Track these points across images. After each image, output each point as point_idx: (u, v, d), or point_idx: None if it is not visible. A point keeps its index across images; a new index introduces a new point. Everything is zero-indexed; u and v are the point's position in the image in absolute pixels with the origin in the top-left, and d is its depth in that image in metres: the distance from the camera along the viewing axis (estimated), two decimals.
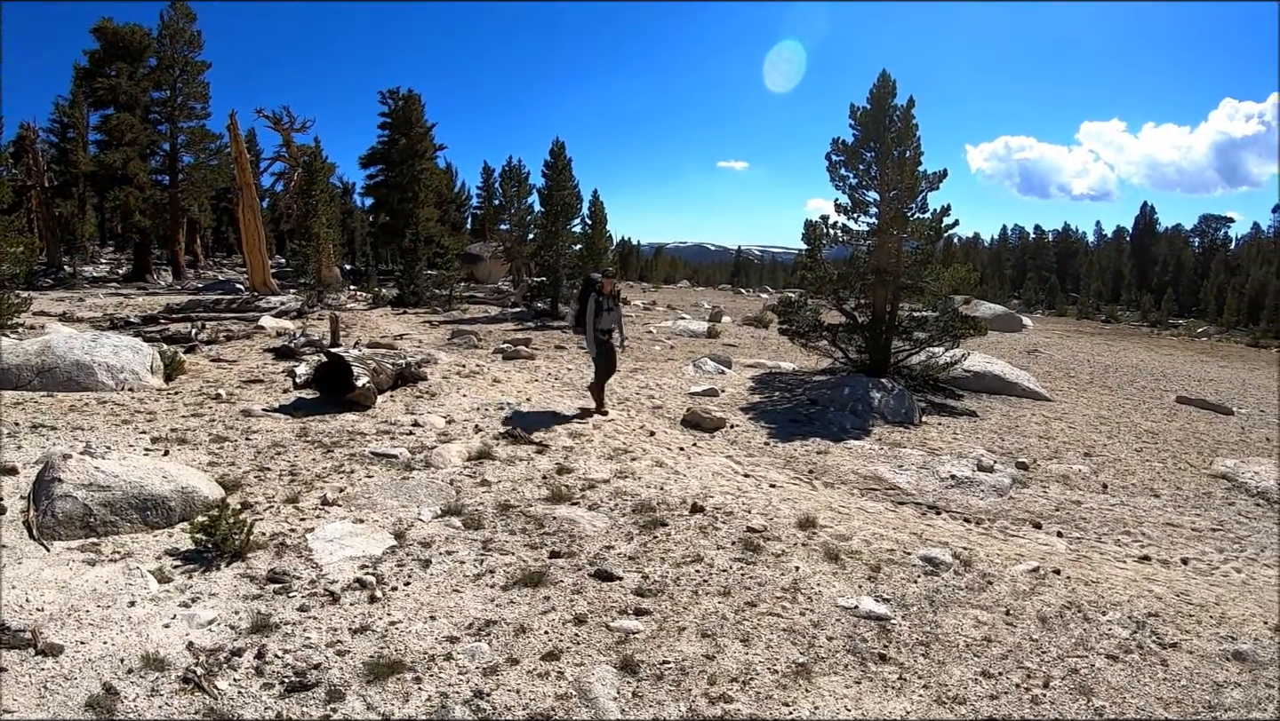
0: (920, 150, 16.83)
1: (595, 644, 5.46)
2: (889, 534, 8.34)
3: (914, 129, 16.77)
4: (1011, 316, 42.94)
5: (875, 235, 17.00)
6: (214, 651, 5.06)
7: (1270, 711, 5.28)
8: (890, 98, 16.79)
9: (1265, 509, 11.03)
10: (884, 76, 16.89)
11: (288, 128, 42.71)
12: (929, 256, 16.92)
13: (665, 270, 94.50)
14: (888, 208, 16.85)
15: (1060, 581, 7.32)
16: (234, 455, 9.43)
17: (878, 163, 16.90)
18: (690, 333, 26.23)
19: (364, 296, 33.79)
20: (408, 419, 11.59)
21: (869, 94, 16.97)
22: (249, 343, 18.31)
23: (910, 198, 16.76)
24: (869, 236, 17.12)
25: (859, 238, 17.26)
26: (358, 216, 66.48)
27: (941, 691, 5.23)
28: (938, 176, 16.79)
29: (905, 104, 16.75)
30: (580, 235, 29.36)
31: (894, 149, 16.71)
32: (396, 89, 43.85)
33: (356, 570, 6.38)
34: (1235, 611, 6.99)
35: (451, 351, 18.93)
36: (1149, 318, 69.26)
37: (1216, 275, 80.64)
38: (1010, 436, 13.87)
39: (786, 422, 13.59)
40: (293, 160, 43.40)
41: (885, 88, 16.82)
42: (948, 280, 16.66)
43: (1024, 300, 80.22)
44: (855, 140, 17.13)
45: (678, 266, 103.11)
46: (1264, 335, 57.70)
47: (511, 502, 8.28)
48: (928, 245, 16.85)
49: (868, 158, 17.03)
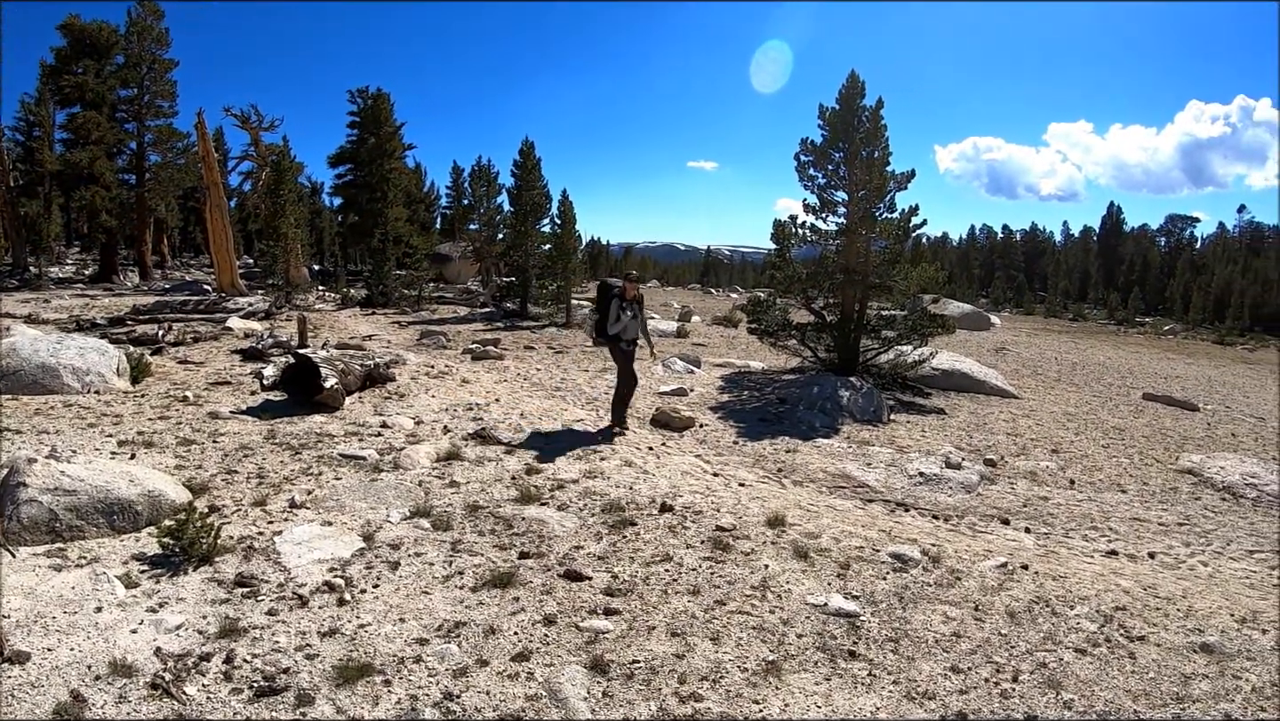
0: (889, 150, 16.91)
1: (565, 644, 5.45)
2: (858, 531, 8.37)
3: (882, 129, 16.85)
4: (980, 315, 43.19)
5: (844, 235, 17.08)
6: (182, 656, 5.02)
7: (1238, 702, 5.34)
8: (859, 98, 16.85)
9: (1231, 503, 11.16)
10: (853, 77, 16.95)
11: (256, 126, 42.41)
12: (897, 256, 17.00)
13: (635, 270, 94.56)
14: (856, 207, 16.92)
15: (1028, 576, 7.37)
16: (201, 458, 9.36)
17: (846, 163, 16.97)
18: (660, 332, 26.22)
19: (333, 297, 33.69)
20: (376, 420, 11.54)
21: (838, 95, 17.03)
22: (216, 344, 18.19)
23: (878, 198, 16.84)
24: (837, 236, 17.19)
25: (827, 237, 17.32)
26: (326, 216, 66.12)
27: (911, 687, 5.25)
28: (906, 176, 16.87)
29: (874, 104, 16.82)
30: (549, 235, 29.35)
31: (862, 149, 16.78)
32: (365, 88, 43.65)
33: (325, 573, 6.34)
34: (1202, 604, 7.07)
35: (420, 352, 18.89)
36: (1116, 316, 69.95)
37: (1182, 274, 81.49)
38: (978, 433, 13.95)
39: (755, 421, 13.62)
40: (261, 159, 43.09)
41: (854, 88, 16.88)
42: (916, 279, 16.74)
43: (992, 299, 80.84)
44: (824, 140, 17.19)
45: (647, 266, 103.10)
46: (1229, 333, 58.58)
47: (480, 503, 8.24)
48: (896, 245, 16.93)
49: (836, 158, 17.10)
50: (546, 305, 28.90)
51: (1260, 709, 5.28)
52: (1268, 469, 12.57)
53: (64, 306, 25.68)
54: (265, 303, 26.66)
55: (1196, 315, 69.36)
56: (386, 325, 25.24)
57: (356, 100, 45.55)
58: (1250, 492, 11.46)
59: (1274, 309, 70.40)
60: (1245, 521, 10.41)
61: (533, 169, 30.10)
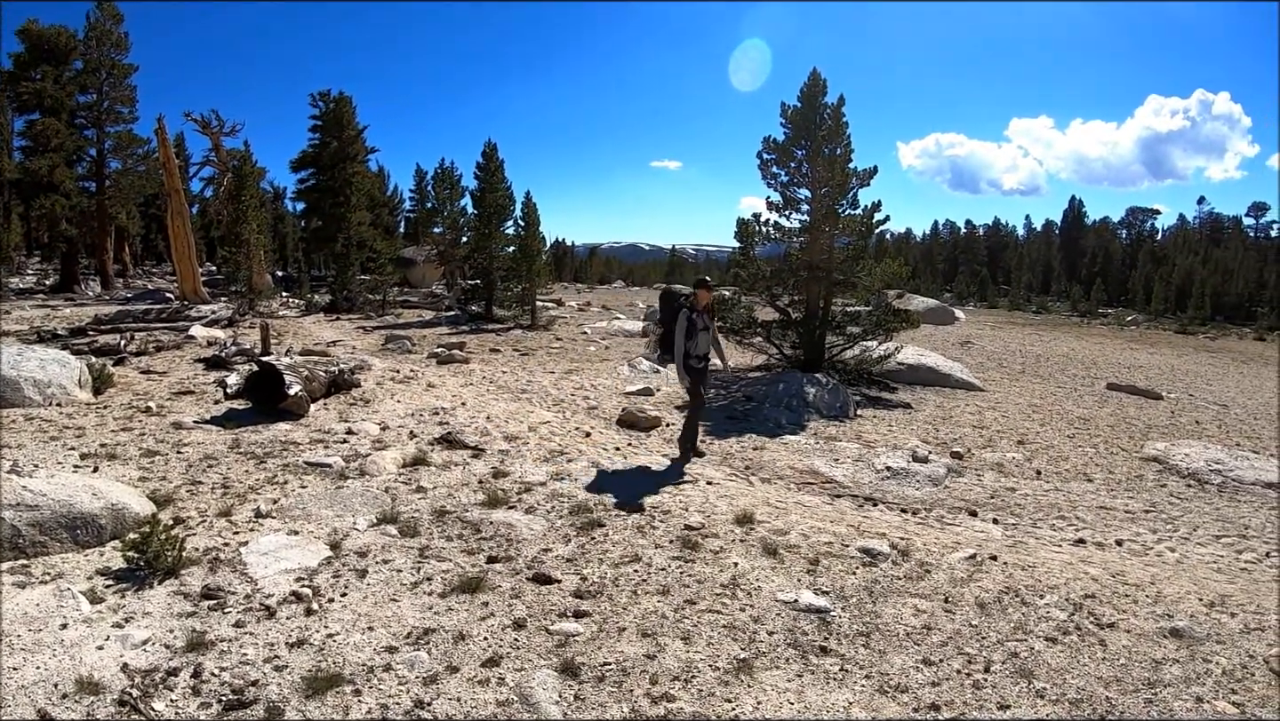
0: (851, 147, 17.02)
1: (535, 648, 5.43)
2: (826, 527, 8.38)
3: (844, 126, 16.94)
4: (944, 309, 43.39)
5: (807, 232, 17.16)
6: (149, 672, 4.95)
7: (1209, 685, 5.39)
8: (821, 96, 16.93)
9: (1196, 489, 11.32)
10: (814, 75, 17.04)
11: (217, 131, 42.05)
12: (861, 252, 17.11)
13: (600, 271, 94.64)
14: (819, 204, 17.01)
15: (997, 567, 7.41)
16: (165, 469, 9.25)
17: (809, 160, 17.06)
18: (625, 332, 26.29)
19: (296, 303, 33.46)
20: (341, 427, 11.46)
21: (799, 93, 17.09)
22: (179, 353, 18.03)
23: (841, 194, 16.93)
24: (801, 233, 17.28)
25: (791, 234, 17.41)
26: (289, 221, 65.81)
27: (883, 681, 5.26)
28: (868, 173, 16.98)
29: (835, 102, 16.92)
30: (513, 237, 29.29)
31: (824, 146, 16.88)
32: (327, 91, 43.28)
33: (292, 583, 6.28)
34: (1170, 590, 7.13)
35: (385, 357, 18.80)
36: (1079, 308, 70.61)
37: (1144, 265, 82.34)
38: (945, 427, 14.02)
39: (723, 420, 13.65)
40: (222, 165, 42.74)
41: (816, 86, 16.96)
42: (880, 275, 16.83)
43: (956, 293, 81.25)
44: (786, 138, 17.28)
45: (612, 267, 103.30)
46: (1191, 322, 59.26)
47: (448, 508, 8.21)
48: (859, 241, 17.03)
49: (799, 155, 17.19)
50: (511, 307, 28.87)
51: (1231, 691, 5.33)
52: (1232, 455, 12.72)
53: (25, 317, 25.38)
54: (228, 310, 26.47)
55: (1158, 305, 70.05)
56: (351, 330, 25.12)
57: (318, 104, 45.14)
58: (1215, 479, 11.60)
59: (1234, 298, 71.38)
60: (1211, 507, 10.54)
61: (496, 171, 30.06)
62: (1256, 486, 11.36)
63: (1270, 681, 5.51)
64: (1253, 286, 72.97)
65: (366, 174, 45.64)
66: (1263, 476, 11.69)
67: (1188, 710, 5.10)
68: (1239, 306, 70.33)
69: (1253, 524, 9.93)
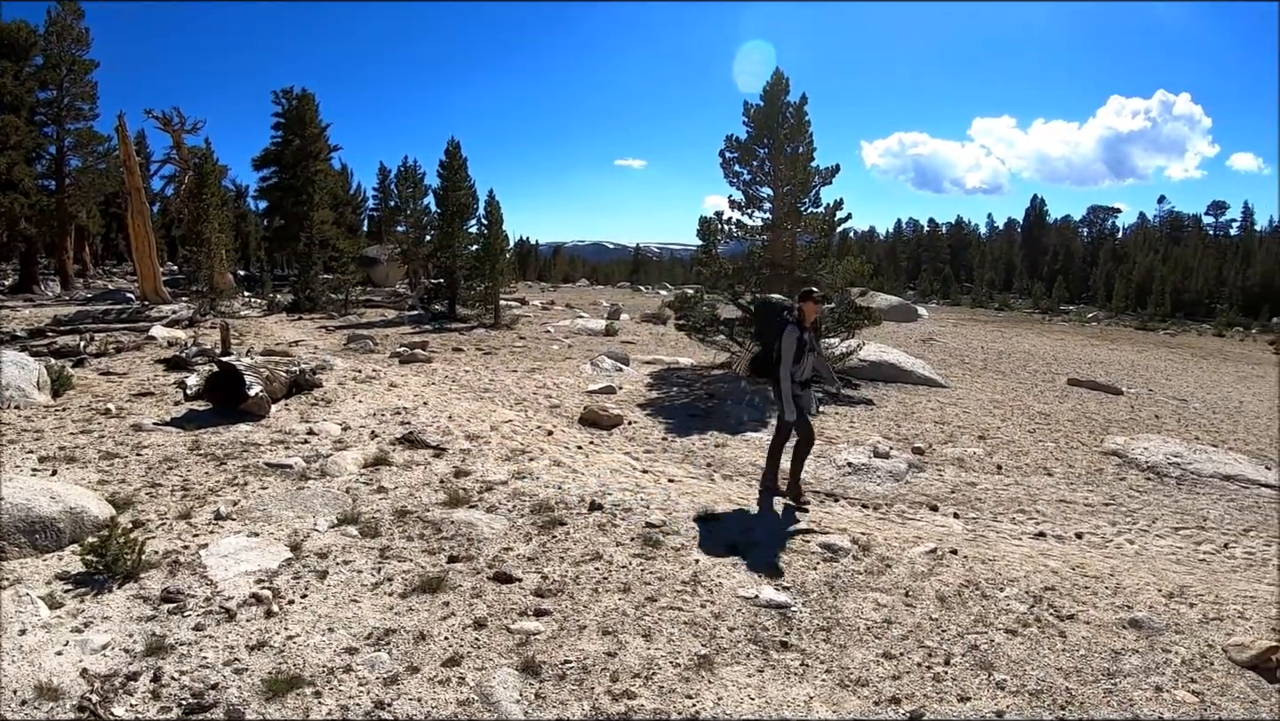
0: (813, 146, 17.08)
1: (496, 647, 5.43)
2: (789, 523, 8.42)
3: (806, 125, 17.00)
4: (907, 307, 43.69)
5: (770, 230, 17.24)
6: (109, 677, 4.92)
7: (1168, 675, 5.47)
8: (783, 95, 16.99)
9: (1155, 482, 11.43)
10: (777, 74, 17.10)
11: (178, 129, 41.73)
12: (824, 250, 17.18)
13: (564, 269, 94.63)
14: (781, 203, 17.07)
15: (958, 561, 7.48)
16: (124, 472, 9.15)
17: (771, 159, 17.12)
18: (588, 331, 26.30)
19: (258, 303, 33.16)
20: (302, 427, 11.39)
21: (762, 91, 17.14)
22: (139, 354, 17.84)
23: (803, 193, 17.00)
24: (764, 231, 17.34)
25: (754, 233, 17.47)
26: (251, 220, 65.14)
27: (844, 675, 5.31)
28: (830, 171, 17.05)
29: (798, 101, 16.97)
30: (477, 236, 29.18)
31: (787, 145, 16.94)
32: (290, 88, 43.05)
33: (252, 585, 6.24)
34: (1130, 581, 7.21)
35: (348, 357, 18.70)
36: (1040, 305, 71.25)
37: (1105, 263, 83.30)
38: (906, 423, 14.09)
39: (685, 417, 13.66)
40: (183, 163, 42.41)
41: (778, 85, 17.02)
42: (842, 273, 16.89)
43: (919, 291, 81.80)
44: (749, 137, 17.33)
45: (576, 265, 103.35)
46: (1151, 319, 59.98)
47: (409, 508, 8.18)
48: (822, 239, 17.10)
49: (761, 154, 17.25)
50: (475, 306, 28.77)
51: (1191, 680, 5.42)
52: (1191, 448, 12.86)
53: None
54: (189, 310, 26.19)
55: (1119, 303, 70.78)
56: (313, 330, 24.97)
57: (281, 101, 44.79)
58: (1174, 472, 11.72)
59: (1194, 295, 72.22)
60: (1170, 500, 10.66)
61: (459, 169, 29.97)
62: (1215, 479, 11.48)
63: (1229, 670, 5.59)
64: (1212, 283, 73.96)
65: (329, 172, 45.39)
66: (1221, 469, 11.82)
67: (1147, 699, 5.17)
68: (1198, 303, 71.22)
69: (1211, 516, 10.06)
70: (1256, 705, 5.21)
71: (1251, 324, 61.29)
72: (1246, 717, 5.08)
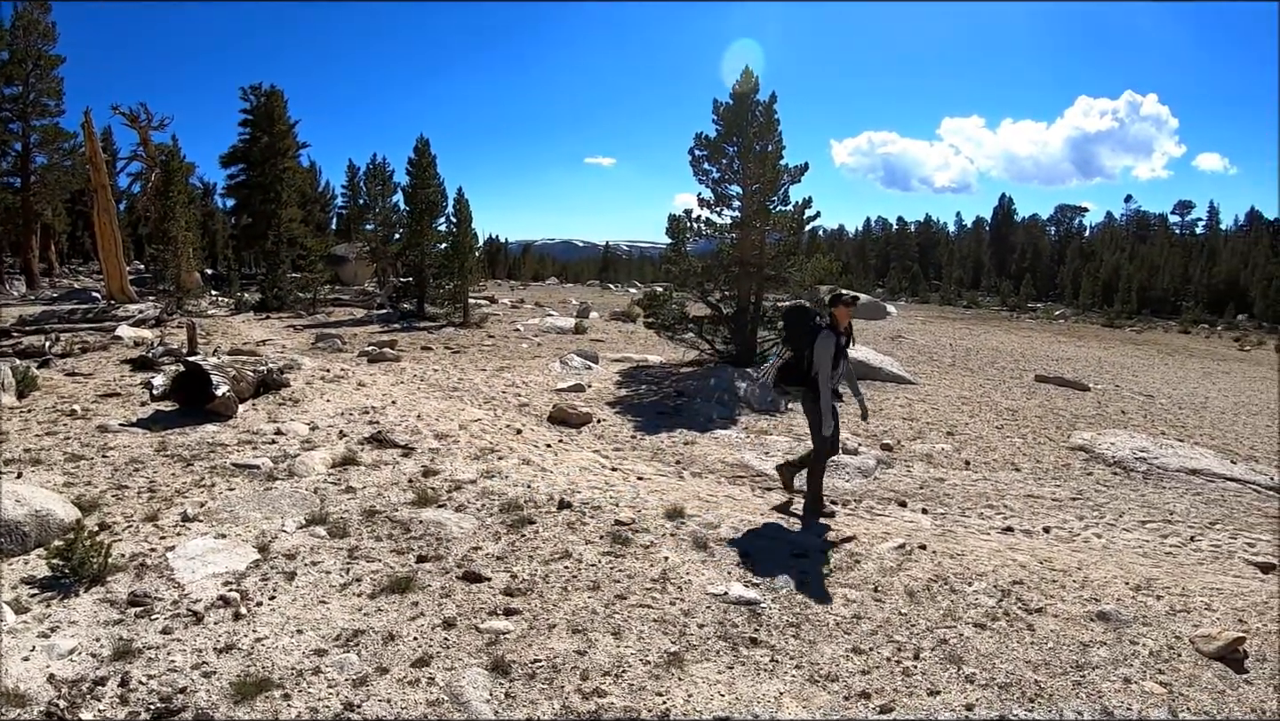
0: (782, 144, 17.11)
1: (466, 647, 5.41)
2: (757, 520, 8.47)
3: (776, 124, 17.03)
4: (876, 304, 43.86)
5: (739, 228, 17.23)
6: (76, 682, 4.86)
7: (1136, 667, 5.55)
8: (753, 94, 17.00)
9: (1122, 477, 11.52)
10: (747, 73, 17.10)
11: (145, 125, 41.23)
12: (793, 248, 17.22)
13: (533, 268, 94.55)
14: (750, 201, 17.08)
15: (926, 556, 7.53)
16: (90, 474, 9.05)
17: (740, 157, 17.12)
18: (558, 329, 26.28)
19: (226, 302, 32.87)
20: (270, 427, 11.31)
21: (731, 90, 17.15)
22: (106, 354, 17.68)
23: (772, 191, 17.04)
24: (733, 229, 17.34)
25: (723, 231, 17.46)
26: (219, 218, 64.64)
27: (814, 670, 5.34)
28: (799, 170, 17.09)
29: (767, 100, 16.99)
30: (446, 234, 29.08)
31: (756, 143, 16.95)
32: (258, 85, 42.71)
33: (220, 587, 6.18)
34: (1097, 574, 7.29)
35: (316, 356, 18.58)
36: (1008, 302, 71.71)
37: (1072, 261, 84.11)
38: (875, 419, 14.11)
39: (654, 415, 13.66)
40: (150, 160, 41.88)
41: (748, 84, 17.02)
42: (811, 271, 16.95)
43: (888, 289, 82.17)
44: (718, 135, 17.33)
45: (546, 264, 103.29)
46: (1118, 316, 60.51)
47: (377, 508, 8.15)
48: (791, 237, 17.14)
49: (730, 152, 17.24)
50: (444, 305, 28.66)
51: (1159, 672, 5.48)
52: (1157, 443, 12.98)
53: None
54: (156, 309, 25.93)
55: (1086, 300, 71.54)
56: (281, 329, 24.80)
57: (249, 97, 44.36)
58: (1140, 466, 11.81)
59: (1160, 293, 73.12)
60: (1136, 494, 10.73)
61: (428, 166, 29.83)
62: (1181, 473, 11.58)
63: (1196, 661, 5.65)
64: (1178, 281, 74.91)
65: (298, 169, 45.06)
66: (1187, 464, 11.92)
67: (1116, 691, 5.22)
68: (1164, 301, 72.12)
69: (1177, 509, 10.15)
70: (1224, 695, 5.28)
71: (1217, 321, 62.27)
72: (1214, 708, 5.14)
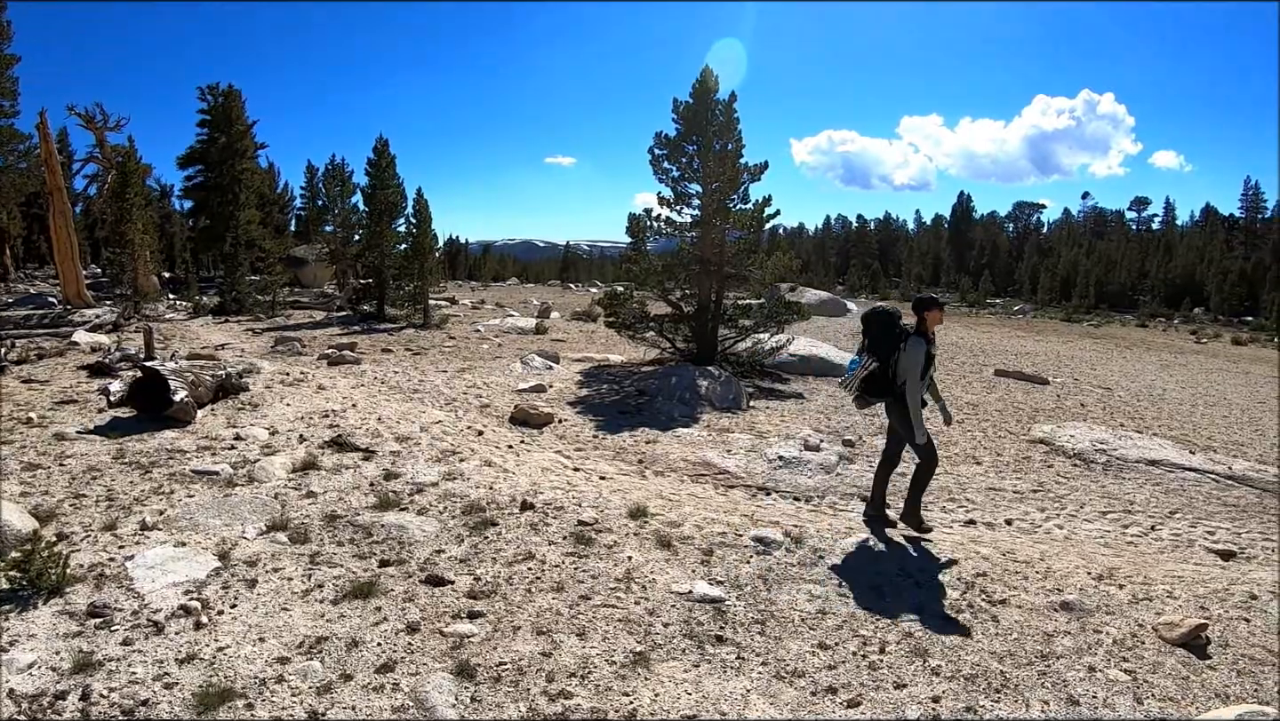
0: (742, 143, 17.18)
1: (430, 651, 5.39)
2: (720, 517, 8.48)
3: (735, 122, 17.10)
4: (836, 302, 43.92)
5: (699, 226, 17.26)
6: (36, 697, 4.79)
7: (1100, 655, 5.66)
8: (713, 93, 17.04)
9: (1082, 469, 11.65)
10: (706, 72, 17.14)
11: (101, 126, 40.74)
12: (753, 246, 17.29)
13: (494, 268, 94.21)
14: (711, 199, 17.11)
15: (890, 550, 7.62)
16: (47, 483, 8.90)
17: (700, 156, 17.16)
18: (518, 329, 26.23)
19: (184, 306, 32.53)
20: (229, 432, 11.20)
21: (691, 89, 17.17)
22: (62, 360, 17.47)
23: (733, 189, 17.07)
24: (693, 228, 17.37)
25: (683, 229, 17.48)
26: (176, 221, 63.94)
27: (780, 666, 5.37)
28: (759, 168, 17.14)
29: (727, 99, 17.04)
30: (406, 235, 29.00)
31: (716, 142, 16.99)
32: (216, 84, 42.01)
33: (180, 596, 6.10)
34: (1060, 565, 7.40)
35: (275, 360, 18.43)
36: (968, 298, 72.34)
37: (1030, 257, 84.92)
38: (836, 416, 14.19)
39: (615, 414, 13.66)
40: (106, 161, 41.40)
41: (707, 83, 17.06)
42: (771, 269, 17.01)
43: (848, 286, 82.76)
44: (678, 134, 17.35)
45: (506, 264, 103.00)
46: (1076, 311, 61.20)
47: (338, 513, 8.09)
48: (751, 235, 17.21)
49: (690, 151, 17.27)
50: (404, 306, 28.56)
51: (1123, 659, 5.59)
52: (1116, 435, 13.12)
53: None
54: (113, 314, 25.67)
55: (1044, 295, 72.36)
56: (240, 333, 24.59)
57: (207, 97, 43.67)
58: (1100, 458, 11.94)
59: (1118, 288, 74.07)
60: (1097, 485, 10.87)
61: (387, 167, 29.66)
62: (1140, 464, 11.71)
63: (1160, 648, 5.73)
64: (1135, 276, 75.93)
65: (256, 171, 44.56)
66: (1146, 455, 12.06)
67: (1081, 679, 5.31)
68: (1122, 295, 73.11)
69: (1137, 500, 10.30)
70: (1188, 681, 5.38)
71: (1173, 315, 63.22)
72: (1179, 693, 5.21)
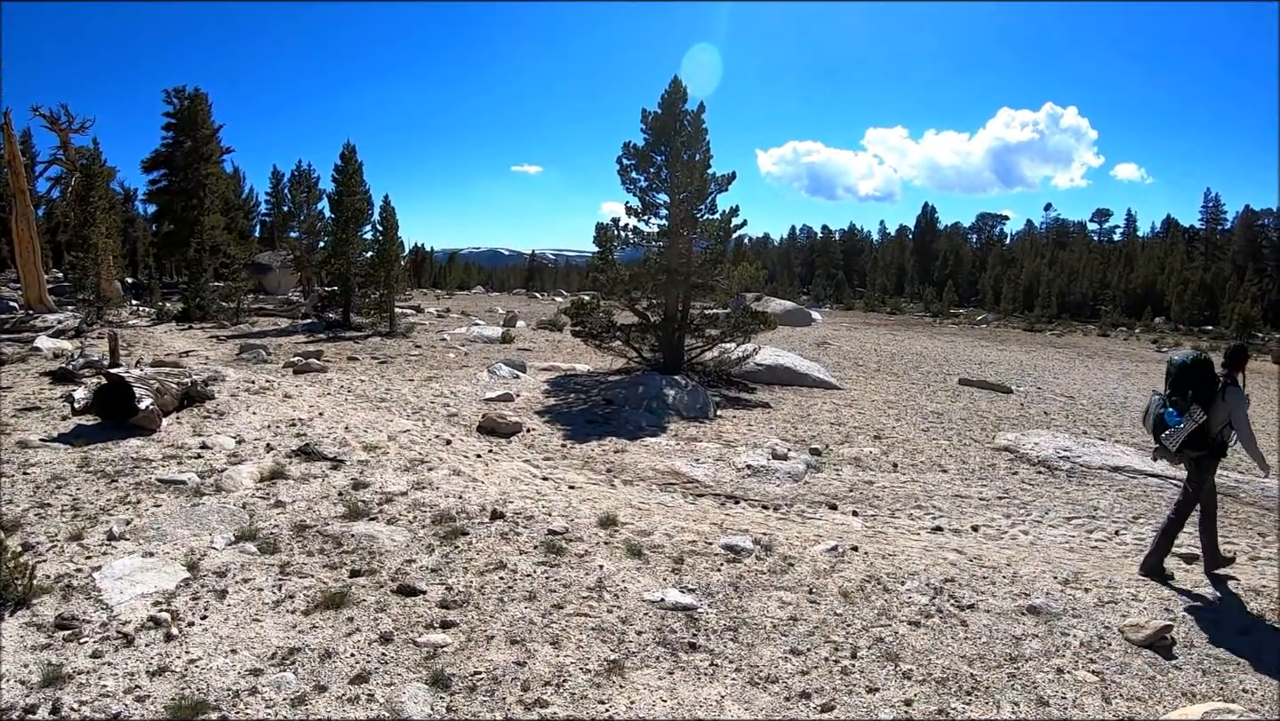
0: (710, 154, 17.27)
1: (404, 661, 5.37)
2: (690, 526, 8.52)
3: (703, 133, 17.17)
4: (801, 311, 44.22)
5: (666, 236, 17.32)
6: (5, 711, 4.72)
7: (1068, 657, 5.74)
8: (681, 103, 17.11)
9: (1046, 476, 11.80)
10: (675, 82, 17.21)
11: (65, 128, 40.19)
12: (719, 256, 17.35)
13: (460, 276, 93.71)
14: (678, 209, 17.17)
15: (859, 557, 7.67)
16: (11, 492, 8.77)
17: (668, 166, 17.22)
18: (485, 338, 26.19)
19: (148, 311, 32.20)
20: (196, 441, 11.10)
21: (660, 99, 17.22)
22: (24, 366, 17.26)
23: (700, 199, 17.16)
24: (660, 237, 17.42)
25: (650, 239, 17.54)
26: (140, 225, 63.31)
27: (753, 673, 5.39)
28: (726, 179, 17.23)
29: (695, 109, 17.11)
30: (372, 242, 28.86)
31: (684, 152, 17.05)
32: (182, 87, 41.76)
33: (150, 607, 6.04)
34: (1026, 570, 7.49)
35: (240, 367, 18.29)
36: (931, 308, 72.80)
37: (993, 267, 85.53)
38: (803, 424, 14.27)
39: (583, 424, 13.67)
40: (70, 164, 40.83)
41: (676, 93, 17.12)
42: (737, 278, 17.13)
43: (813, 295, 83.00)
44: (646, 144, 17.40)
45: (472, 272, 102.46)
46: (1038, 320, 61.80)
47: (308, 522, 8.03)
48: (718, 245, 17.27)
49: (658, 161, 17.32)
50: (370, 314, 28.45)
51: (1090, 661, 5.67)
52: (1079, 442, 13.26)
53: None
54: (76, 320, 25.37)
55: (1007, 305, 72.89)
56: (204, 340, 24.39)
57: (172, 100, 43.38)
58: (1064, 465, 12.08)
59: (1079, 297, 74.86)
60: (1061, 491, 11.01)
61: (354, 173, 29.48)
62: (1103, 471, 11.87)
63: (1126, 649, 5.81)
64: (1096, 286, 76.76)
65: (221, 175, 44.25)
66: (1109, 461, 12.22)
67: (1049, 681, 5.39)
68: (1083, 305, 73.89)
69: (1101, 505, 10.43)
70: (1155, 681, 5.47)
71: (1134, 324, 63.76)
72: (1146, 693, 5.29)
